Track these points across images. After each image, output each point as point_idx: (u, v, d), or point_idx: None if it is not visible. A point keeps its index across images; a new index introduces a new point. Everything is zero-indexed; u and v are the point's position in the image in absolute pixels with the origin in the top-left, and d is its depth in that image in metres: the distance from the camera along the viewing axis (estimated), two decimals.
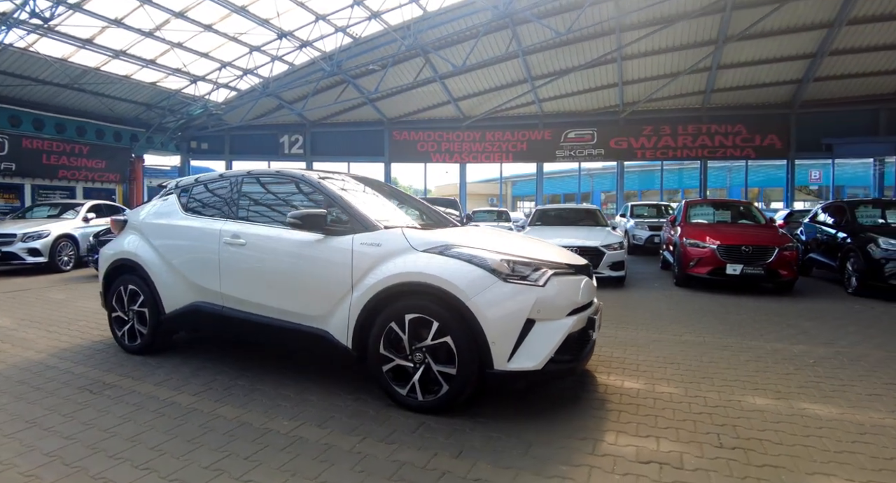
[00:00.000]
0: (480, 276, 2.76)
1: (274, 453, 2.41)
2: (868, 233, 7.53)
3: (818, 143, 18.30)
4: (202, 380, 3.42)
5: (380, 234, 3.08)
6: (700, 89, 18.28)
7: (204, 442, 2.51)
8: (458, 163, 21.09)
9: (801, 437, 2.65)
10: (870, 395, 3.29)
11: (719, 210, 9.94)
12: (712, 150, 19.34)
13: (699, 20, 14.62)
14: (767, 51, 15.88)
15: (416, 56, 16.41)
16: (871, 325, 5.36)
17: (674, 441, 2.58)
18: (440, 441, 2.53)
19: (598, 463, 2.34)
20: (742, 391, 3.32)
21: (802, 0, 13.46)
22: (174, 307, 3.80)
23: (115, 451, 2.41)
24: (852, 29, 14.58)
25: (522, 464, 2.31)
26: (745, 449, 2.50)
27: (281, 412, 2.90)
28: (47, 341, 4.39)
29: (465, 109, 20.11)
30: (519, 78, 18.06)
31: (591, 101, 19.53)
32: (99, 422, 2.73)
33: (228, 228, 3.58)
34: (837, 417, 2.92)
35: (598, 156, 20.29)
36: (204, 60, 15.91)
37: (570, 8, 14.07)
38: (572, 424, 2.76)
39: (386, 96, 18.72)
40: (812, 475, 2.27)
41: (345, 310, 3.04)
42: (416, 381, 2.83)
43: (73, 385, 3.29)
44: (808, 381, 3.53)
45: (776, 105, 18.50)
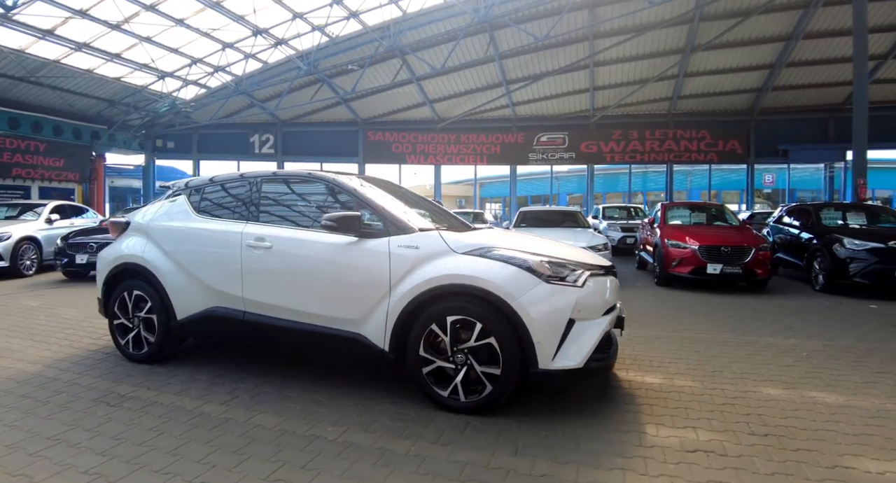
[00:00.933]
0: (524, 278, 2.83)
1: (329, 461, 2.37)
2: (833, 234, 8.04)
3: (775, 148, 19.35)
4: (225, 388, 3.33)
5: (416, 236, 3.09)
6: (667, 96, 19.01)
7: (251, 452, 2.45)
8: (434, 164, 21.17)
9: (820, 423, 2.85)
10: (866, 383, 3.55)
11: (695, 212, 10.38)
12: (678, 155, 20.12)
13: (668, 30, 15.23)
14: (730, 61, 16.69)
15: (394, 57, 16.39)
16: (846, 320, 5.74)
17: (710, 431, 2.72)
18: (492, 440, 2.58)
19: (649, 454, 2.45)
20: (753, 383, 3.51)
21: (764, 15, 14.22)
22: (187, 313, 3.66)
23: (160, 466, 2.31)
24: (807, 43, 15.51)
25: (579, 458, 2.40)
26: (776, 435, 2.67)
27: (321, 418, 2.86)
28: (37, 352, 4.15)
29: (441, 111, 20.21)
30: (494, 81, 18.30)
31: (563, 105, 19.99)
32: (130, 435, 2.61)
33: (251, 231, 3.48)
34: (845, 404, 3.15)
35: (569, 159, 20.77)
36: (173, 56, 15.40)
37: (547, 14, 14.38)
38: (612, 419, 2.87)
39: (360, 97, 18.60)
40: (842, 456, 2.45)
41: (381, 313, 3.03)
42: (458, 382, 2.86)
43: (86, 397, 3.13)
44: (808, 372, 3.78)
45: (737, 112, 19.44)
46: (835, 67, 16.52)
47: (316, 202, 3.59)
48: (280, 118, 20.29)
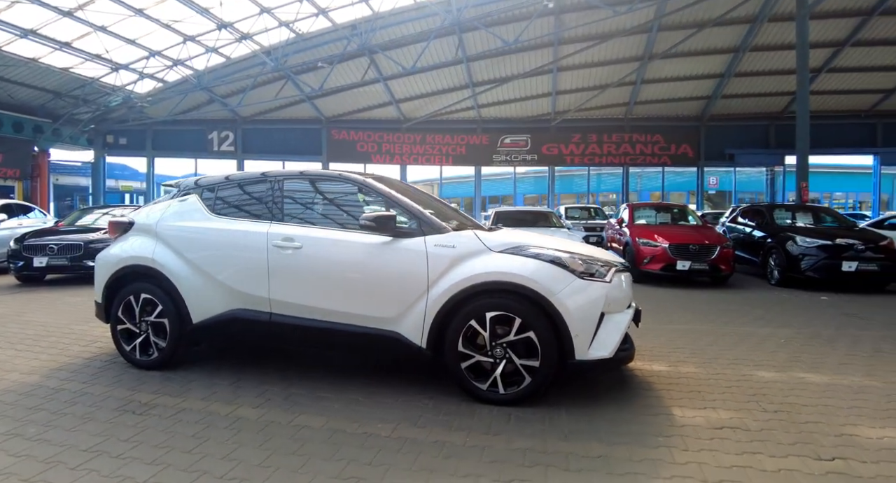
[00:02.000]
0: (560, 274, 3.00)
1: (392, 456, 2.41)
2: (786, 232, 8.74)
3: (722, 152, 20.63)
4: (252, 392, 3.27)
5: (452, 235, 3.19)
6: (624, 101, 19.87)
7: (309, 452, 2.45)
8: (400, 164, 21.18)
9: (816, 399, 3.18)
10: (840, 365, 3.96)
11: (660, 212, 10.99)
12: (633, 158, 21.07)
13: (629, 38, 15.95)
14: (684, 69, 17.66)
15: (361, 56, 16.31)
16: (806, 310, 6.29)
17: (727, 410, 2.99)
18: (540, 428, 2.72)
19: (683, 432, 2.68)
20: (748, 368, 3.85)
21: (716, 27, 15.15)
22: (205, 316, 3.56)
23: (221, 472, 2.25)
24: (753, 55, 16.65)
25: (625, 439, 2.58)
26: (784, 411, 2.97)
27: (365, 416, 2.88)
28: (25, 361, 3.90)
29: (407, 111, 20.26)
30: (461, 83, 18.54)
31: (526, 108, 20.50)
32: (174, 443, 2.53)
33: (278, 231, 3.44)
34: (830, 382, 3.52)
35: (531, 161, 21.33)
36: (130, 47, 14.70)
37: (516, 19, 14.74)
38: (639, 403, 3.10)
39: (325, 94, 18.37)
40: (843, 426, 2.77)
41: (419, 310, 3.10)
42: (497, 375, 2.99)
43: (106, 407, 2.98)
44: (791, 357, 4.16)
45: (689, 118, 20.57)
46: (776, 78, 17.80)
47: (342, 202, 3.62)
48: (241, 115, 19.73)
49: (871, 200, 20.92)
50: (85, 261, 8.30)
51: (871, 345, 4.58)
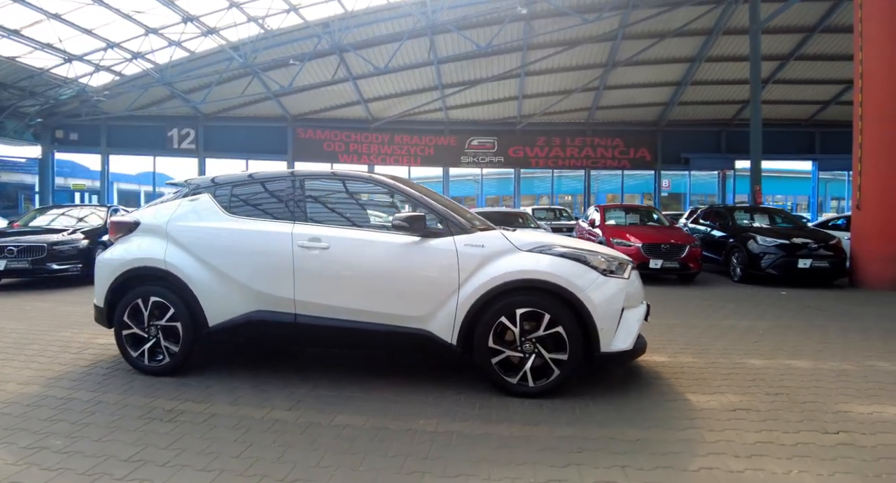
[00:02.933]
0: (586, 272, 3.17)
1: (445, 449, 2.48)
2: (747, 232, 9.36)
3: (678, 156, 21.67)
4: (278, 394, 3.23)
5: (481, 235, 3.30)
6: (587, 106, 20.56)
7: (361, 450, 2.46)
8: (367, 164, 21.02)
9: (807, 382, 3.50)
10: (818, 351, 4.35)
11: (629, 213, 11.49)
12: (595, 161, 21.82)
13: (594, 46, 16.54)
14: (644, 76, 18.46)
15: (331, 54, 16.16)
16: (773, 304, 6.79)
17: (734, 394, 3.26)
18: (574, 417, 2.87)
19: (705, 415, 2.91)
20: (738, 356, 4.16)
21: (675, 38, 15.95)
22: (222, 318, 3.47)
23: (281, 475, 2.24)
24: (708, 65, 17.61)
25: (655, 424, 2.78)
26: (784, 394, 3.26)
27: (403, 413, 2.93)
28: (15, 371, 3.68)
29: (375, 111, 20.19)
30: (430, 84, 18.67)
31: (493, 111, 20.85)
32: (218, 449, 2.46)
33: (303, 231, 3.42)
34: (813, 367, 3.87)
35: (498, 163, 21.71)
36: (86, 37, 13.97)
37: (488, 23, 15.00)
38: (655, 391, 3.32)
39: (292, 92, 18.06)
40: (837, 404, 3.09)
41: (450, 309, 3.19)
42: (527, 369, 3.13)
43: (128, 415, 2.87)
44: (773, 346, 4.52)
45: (647, 123, 21.49)
46: (728, 87, 18.90)
47: (367, 203, 3.67)
48: (202, 112, 19.08)
49: (810, 202, 22.52)
50: (49, 264, 7.91)
51: (839, 333, 5.03)
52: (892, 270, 8.06)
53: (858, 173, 8.62)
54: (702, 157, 21.69)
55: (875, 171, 8.35)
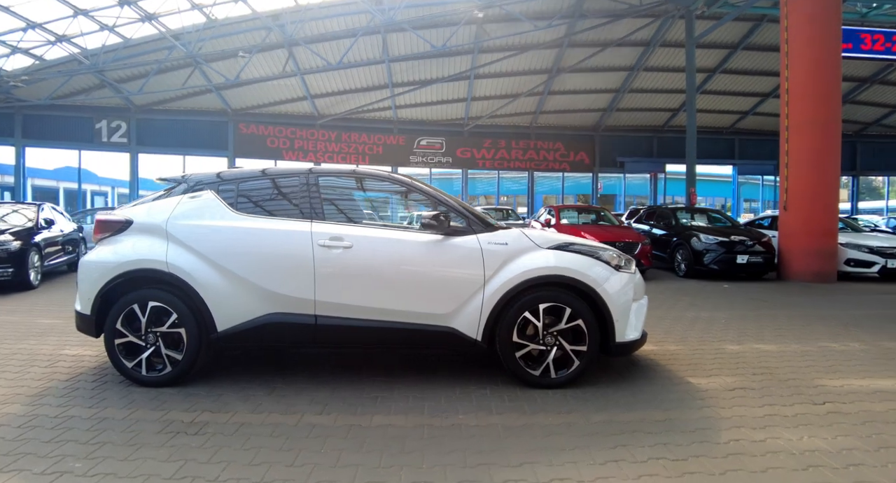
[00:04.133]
0: (603, 268, 3.38)
1: (497, 441, 2.55)
2: (690, 231, 10.15)
3: (614, 160, 22.90)
4: (300, 399, 3.13)
5: (503, 233, 3.40)
6: (531, 110, 21.26)
7: (415, 449, 2.46)
8: (313, 161, 20.53)
9: (782, 362, 3.94)
10: (777, 336, 4.86)
11: (581, 213, 12.08)
12: (538, 163, 22.59)
13: (542, 52, 17.16)
14: (586, 83, 19.38)
15: (280, 47, 15.66)
16: (722, 296, 7.44)
17: (728, 376, 3.61)
18: (600, 404, 3.05)
19: (712, 395, 3.21)
20: (716, 343, 4.57)
21: (616, 47, 16.89)
22: (233, 322, 3.30)
23: (349, 478, 2.22)
24: (644, 74, 18.79)
25: (673, 405, 3.04)
26: (768, 374, 3.65)
27: (439, 410, 2.97)
28: None
29: (322, 107, 19.76)
30: (380, 83, 18.54)
31: (441, 112, 21.05)
32: (268, 458, 2.38)
33: (323, 230, 3.34)
34: (780, 350, 4.34)
35: (446, 163, 21.94)
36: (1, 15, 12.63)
37: (443, 24, 15.16)
38: (659, 376, 3.60)
39: (234, 86, 17.30)
40: (814, 379, 3.51)
41: (476, 305, 3.27)
42: (550, 361, 3.29)
43: (147, 431, 2.68)
44: (739, 333, 5.00)
45: (586, 128, 22.55)
46: (661, 96, 20.25)
47: (385, 201, 3.68)
48: (135, 103, 17.79)
49: (731, 204, 24.59)
50: None
51: (787, 320, 5.63)
52: (814, 264, 9.07)
53: (785, 178, 9.60)
54: (636, 160, 23.05)
55: (799, 176, 9.35)
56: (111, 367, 3.53)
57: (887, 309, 6.53)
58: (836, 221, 9.43)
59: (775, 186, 24.95)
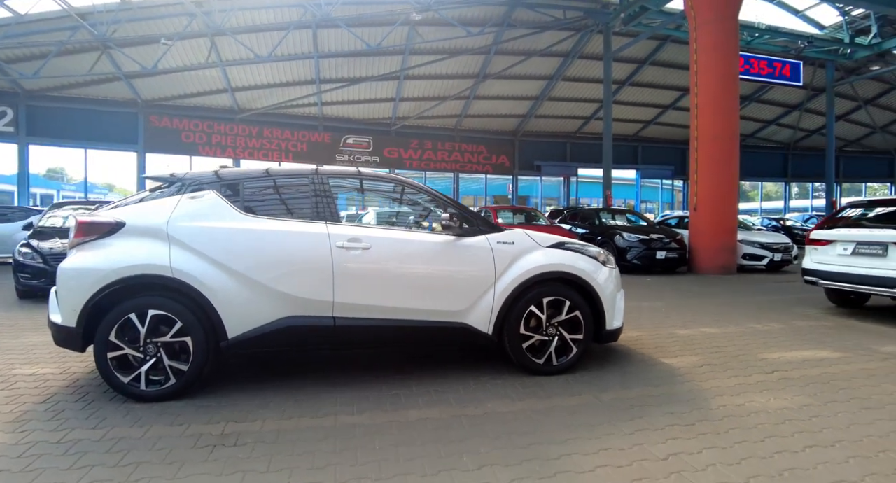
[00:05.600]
0: (593, 264, 3.79)
1: (533, 424, 2.79)
2: (613, 230, 11.16)
3: (532, 163, 24.17)
4: (324, 401, 3.15)
5: (509, 233, 3.68)
6: (457, 113, 21.83)
7: (464, 437, 2.62)
8: (232, 158, 19.49)
9: (726, 341, 4.63)
10: (714, 321, 5.63)
11: (516, 214, 12.75)
12: (462, 165, 23.25)
13: (470, 57, 17.74)
14: (509, 90, 20.31)
15: (202, 36, 14.75)
16: (651, 289, 8.33)
17: (691, 356, 4.19)
18: (603, 385, 3.43)
19: (686, 371, 3.74)
20: (667, 329, 5.22)
21: (539, 57, 17.91)
22: (246, 328, 3.21)
23: (423, 471, 2.31)
24: (562, 83, 20.07)
25: (663, 381, 3.51)
26: (721, 351, 4.29)
27: (465, 401, 3.11)
28: None
29: (243, 101, 18.84)
30: (307, 78, 18.08)
31: (368, 110, 20.94)
32: (329, 461, 2.40)
33: (339, 231, 3.37)
34: (722, 332, 5.06)
35: (373, 162, 21.82)
36: None
37: (376, 23, 15.15)
38: (638, 359, 4.10)
39: (147, 75, 15.99)
40: (758, 353, 4.20)
41: (487, 302, 3.50)
42: (552, 350, 3.63)
43: (179, 447, 2.55)
44: (683, 319, 5.71)
45: (507, 132, 23.57)
46: (576, 104, 21.74)
47: (393, 203, 3.81)
48: (25, 88, 15.77)
49: (634, 205, 26.94)
50: None
51: (714, 308, 6.50)
52: (720, 259, 10.40)
53: (695, 182, 10.89)
54: (551, 164, 24.51)
55: (707, 180, 10.66)
56: (88, 383, 3.33)
57: (783, 295, 7.72)
58: (736, 221, 10.87)
59: (672, 189, 27.79)
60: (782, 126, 24.46)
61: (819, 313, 6.17)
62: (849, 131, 25.08)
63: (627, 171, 26.44)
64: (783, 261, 10.91)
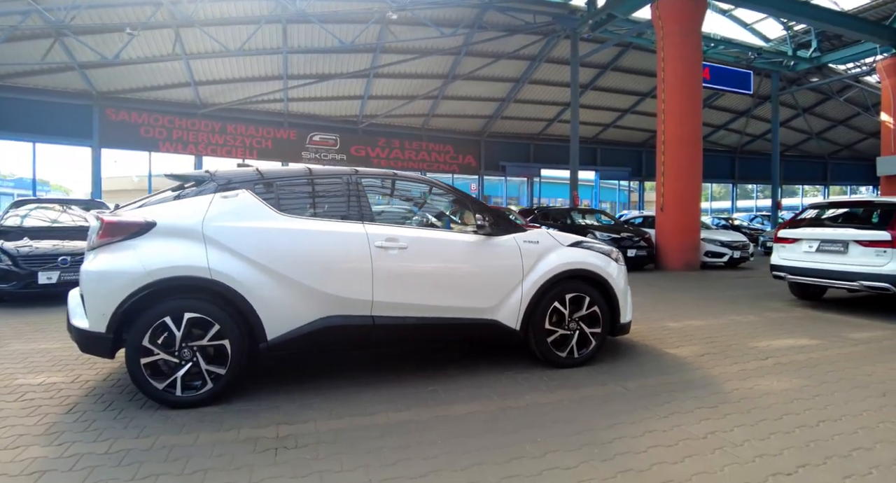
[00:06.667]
0: (608, 261, 4.05)
1: (573, 412, 3.06)
2: (586, 229, 11.62)
3: (497, 164, 24.60)
4: (362, 399, 3.21)
5: (533, 233, 3.88)
6: (425, 112, 21.92)
7: (518, 428, 2.77)
8: (193, 154, 18.81)
9: (715, 332, 5.02)
10: (697, 314, 6.05)
11: None
12: (430, 164, 23.34)
13: (441, 57, 17.88)
14: (476, 91, 20.59)
15: (166, 27, 14.18)
16: None
17: (689, 346, 4.54)
18: (622, 373, 3.71)
19: (692, 360, 4.07)
20: (658, 322, 5.59)
21: (507, 60, 18.28)
22: (285, 329, 3.22)
23: (498, 459, 2.42)
24: (528, 86, 20.55)
25: (675, 370, 3.83)
26: (714, 341, 4.67)
27: (505, 394, 3.26)
28: None
29: (206, 96, 18.20)
30: (273, 74, 17.67)
31: (336, 108, 20.69)
32: (400, 455, 2.48)
33: (376, 231, 3.45)
34: (706, 324, 5.47)
35: (340, 160, 21.57)
36: None
37: (348, 21, 15.04)
38: (644, 350, 4.41)
39: (105, 65, 15.20)
40: (748, 342, 4.60)
41: (516, 298, 3.68)
42: (574, 343, 3.85)
43: (238, 452, 2.52)
44: (666, 313, 6.12)
45: (474, 133, 23.86)
46: (540, 107, 22.28)
47: (423, 203, 3.93)
48: None
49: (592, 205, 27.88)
50: None
51: (692, 302, 6.98)
52: (686, 256, 11.04)
53: (662, 184, 11.50)
54: (516, 165, 25.02)
55: (672, 182, 11.29)
56: (107, 391, 3.26)
57: (748, 289, 8.33)
58: (699, 221, 11.58)
59: (629, 190, 28.95)
60: (730, 131, 25.95)
61: (785, 306, 6.74)
62: (788, 137, 26.93)
63: (587, 173, 27.28)
64: (741, 258, 11.71)
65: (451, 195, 4.03)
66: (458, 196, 3.99)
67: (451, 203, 4.05)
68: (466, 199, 3.96)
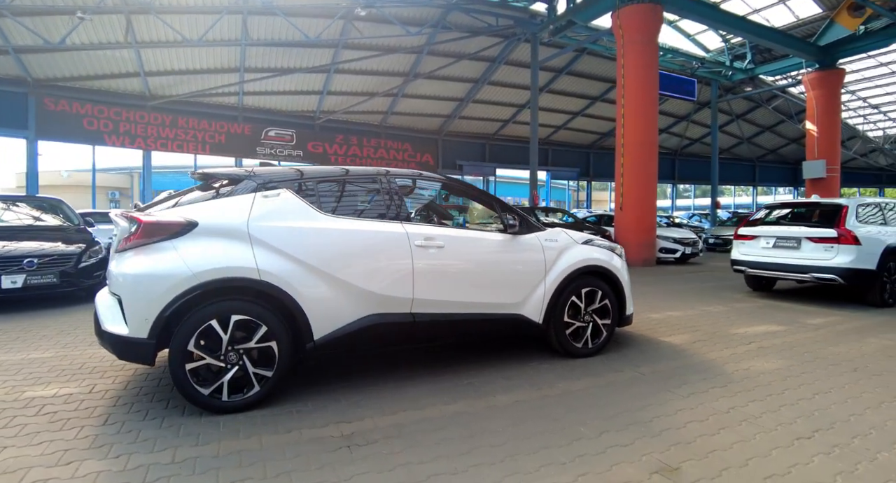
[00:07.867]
0: (614, 257, 4.41)
1: (603, 398, 3.36)
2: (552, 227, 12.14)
3: (455, 163, 24.93)
4: (407, 395, 3.30)
5: (552, 232, 4.16)
6: (384, 110, 21.87)
7: (560, 415, 3.08)
8: (142, 149, 17.85)
9: (696, 321, 5.53)
10: (671, 306, 6.58)
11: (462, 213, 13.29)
12: (388, 162, 23.27)
13: (403, 56, 17.93)
14: (436, 90, 20.78)
15: (117, 12, 13.40)
16: None
17: (682, 334, 4.99)
18: (634, 361, 4.06)
19: (688, 347, 4.50)
20: (642, 314, 6.04)
21: (468, 60, 18.60)
22: (331, 328, 3.25)
23: (562, 442, 2.73)
24: (486, 87, 20.98)
25: (677, 356, 4.22)
26: (699, 330, 5.16)
27: (537, 384, 3.48)
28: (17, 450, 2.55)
29: (156, 87, 17.30)
30: (229, 66, 17.08)
31: (292, 103, 20.25)
32: (469, 445, 2.59)
33: (416, 231, 3.58)
34: (686, 315, 5.97)
35: (297, 157, 21.15)
36: None
37: (313, 15, 14.80)
38: (644, 340, 4.81)
39: (43, 50, 14.14)
40: (728, 329, 5.11)
41: (539, 294, 3.95)
42: (588, 335, 4.17)
43: (309, 452, 2.54)
44: (644, 307, 6.59)
45: (431, 131, 24.05)
46: (497, 108, 22.80)
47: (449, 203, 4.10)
48: None
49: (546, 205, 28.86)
50: None
51: (662, 295, 7.53)
52: (643, 253, 11.78)
53: (620, 184, 12.19)
54: (472, 164, 25.45)
55: (631, 182, 12.00)
56: (137, 400, 3.21)
57: (706, 283, 9.07)
58: (655, 219, 12.37)
59: (578, 190, 30.14)
60: (672, 134, 27.61)
61: (745, 297, 7.44)
62: (722, 141, 29.00)
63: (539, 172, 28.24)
64: (692, 254, 12.63)
65: (477, 195, 4.23)
66: (483, 196, 4.20)
67: (475, 202, 4.24)
68: (491, 199, 4.17)
